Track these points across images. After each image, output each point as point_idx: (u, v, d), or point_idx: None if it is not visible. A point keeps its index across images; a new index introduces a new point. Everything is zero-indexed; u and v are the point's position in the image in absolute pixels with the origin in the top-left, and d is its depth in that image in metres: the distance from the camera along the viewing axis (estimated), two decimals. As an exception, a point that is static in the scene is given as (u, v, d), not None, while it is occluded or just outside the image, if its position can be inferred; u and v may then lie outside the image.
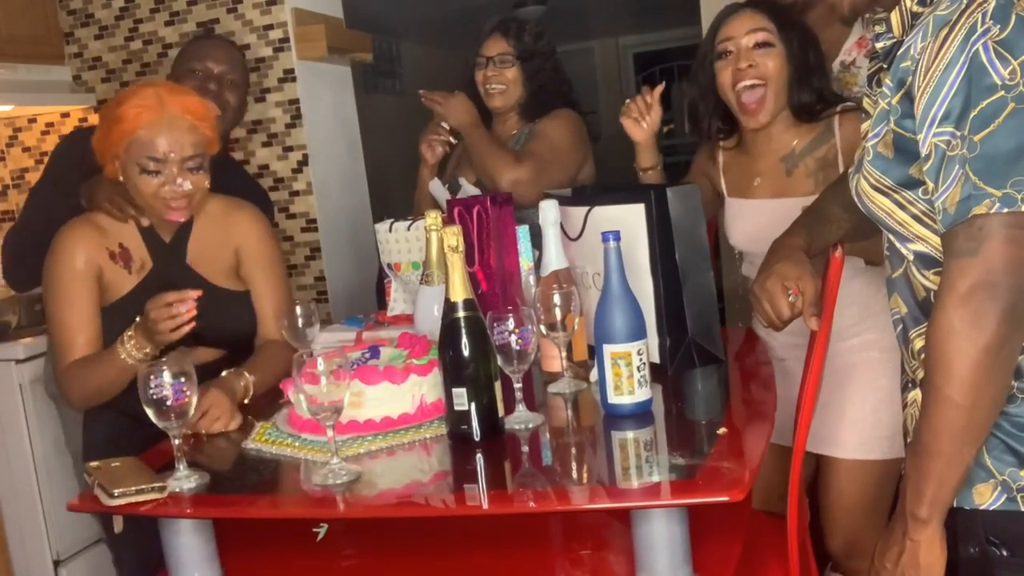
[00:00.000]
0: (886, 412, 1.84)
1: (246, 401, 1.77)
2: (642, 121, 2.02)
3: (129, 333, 1.75)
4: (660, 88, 2.05)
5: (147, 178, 1.82)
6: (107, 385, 1.81)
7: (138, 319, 1.74)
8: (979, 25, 1.10)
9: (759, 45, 1.84)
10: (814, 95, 1.87)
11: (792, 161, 1.91)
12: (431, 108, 2.41)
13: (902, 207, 1.25)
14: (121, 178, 1.86)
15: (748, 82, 1.85)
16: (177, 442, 1.43)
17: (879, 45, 1.31)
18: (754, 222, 1.96)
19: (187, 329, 1.69)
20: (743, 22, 1.87)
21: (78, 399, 1.88)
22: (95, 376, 1.82)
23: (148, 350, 1.73)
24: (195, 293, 1.70)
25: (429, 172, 2.49)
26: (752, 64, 1.84)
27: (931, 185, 1.16)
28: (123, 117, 1.80)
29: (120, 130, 1.81)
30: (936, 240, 1.22)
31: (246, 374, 1.78)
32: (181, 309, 1.67)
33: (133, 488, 1.37)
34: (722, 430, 1.40)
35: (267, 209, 2.42)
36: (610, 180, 2.54)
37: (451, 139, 2.46)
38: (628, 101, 2.04)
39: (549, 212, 1.76)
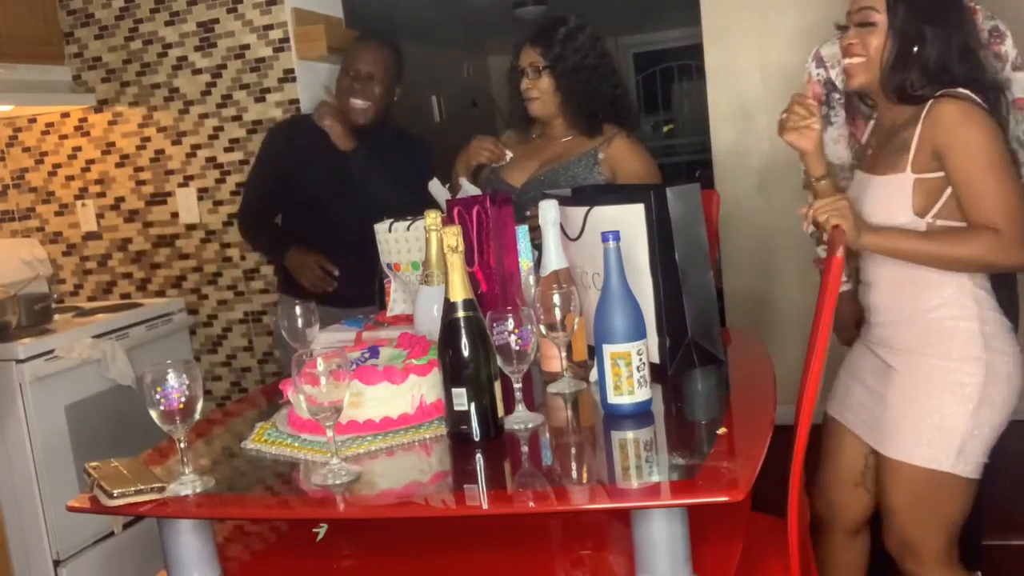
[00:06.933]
0: (949, 425, 1.79)
1: None
2: (809, 129, 1.89)
3: None
4: (809, 97, 1.99)
5: None
6: None
7: None
8: None
9: (862, 24, 1.85)
10: (907, 77, 1.81)
11: (892, 135, 1.88)
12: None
13: None
14: None
15: (848, 60, 1.88)
16: (183, 446, 1.42)
17: None
18: (849, 192, 1.95)
19: None
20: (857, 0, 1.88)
21: None
22: None
23: None
24: None
25: (464, 168, 2.56)
26: (855, 41, 1.86)
27: None
28: None
29: None
30: None
31: None
32: None
33: (132, 489, 1.37)
34: (722, 430, 1.40)
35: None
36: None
37: (506, 156, 2.53)
38: (783, 114, 1.92)
39: (549, 212, 1.75)
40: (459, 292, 1.47)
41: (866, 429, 1.94)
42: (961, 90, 1.76)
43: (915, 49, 1.80)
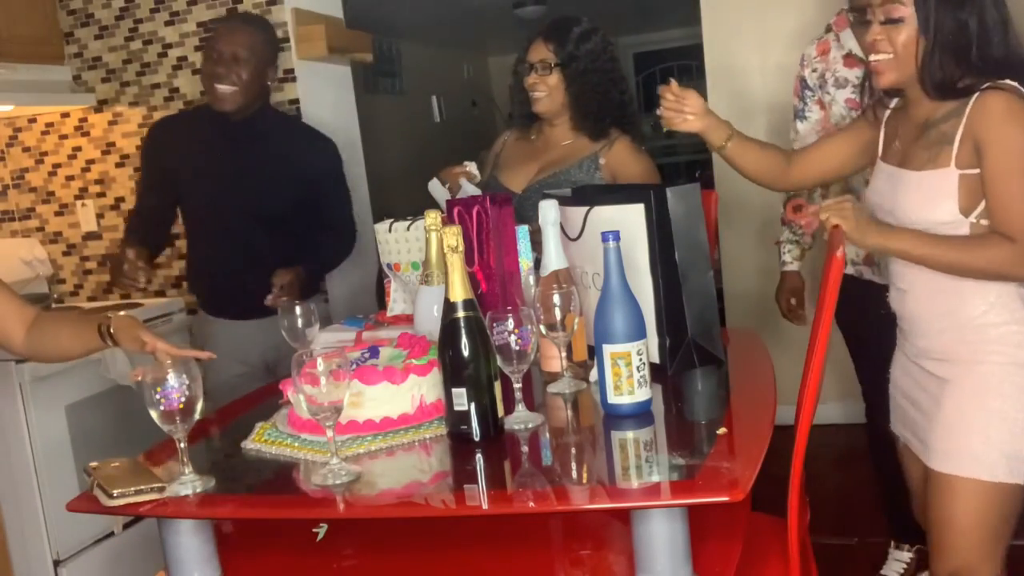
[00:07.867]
0: (1017, 432, 1.69)
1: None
2: (685, 114, 1.95)
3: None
4: (673, 82, 1.99)
5: None
6: None
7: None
8: None
9: (888, 20, 1.72)
10: (950, 72, 1.68)
11: (927, 129, 1.77)
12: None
13: None
14: None
15: (874, 57, 1.75)
16: (183, 446, 1.42)
17: None
18: (875, 186, 1.88)
19: None
20: None
21: None
22: None
23: None
24: None
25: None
26: (880, 37, 1.74)
27: None
28: None
29: None
30: None
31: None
32: None
33: (132, 488, 1.37)
34: (722, 430, 1.40)
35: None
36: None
37: (476, 175, 2.49)
38: (659, 111, 1.98)
39: (549, 212, 1.76)
40: (459, 292, 1.47)
41: (921, 446, 1.83)
42: (1008, 82, 1.65)
43: (952, 40, 1.68)
